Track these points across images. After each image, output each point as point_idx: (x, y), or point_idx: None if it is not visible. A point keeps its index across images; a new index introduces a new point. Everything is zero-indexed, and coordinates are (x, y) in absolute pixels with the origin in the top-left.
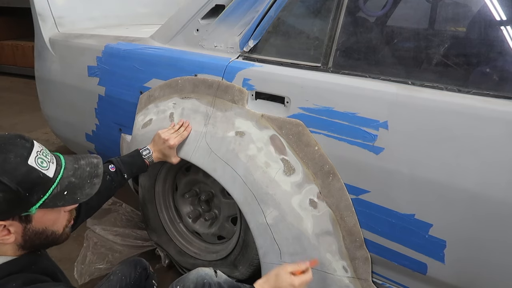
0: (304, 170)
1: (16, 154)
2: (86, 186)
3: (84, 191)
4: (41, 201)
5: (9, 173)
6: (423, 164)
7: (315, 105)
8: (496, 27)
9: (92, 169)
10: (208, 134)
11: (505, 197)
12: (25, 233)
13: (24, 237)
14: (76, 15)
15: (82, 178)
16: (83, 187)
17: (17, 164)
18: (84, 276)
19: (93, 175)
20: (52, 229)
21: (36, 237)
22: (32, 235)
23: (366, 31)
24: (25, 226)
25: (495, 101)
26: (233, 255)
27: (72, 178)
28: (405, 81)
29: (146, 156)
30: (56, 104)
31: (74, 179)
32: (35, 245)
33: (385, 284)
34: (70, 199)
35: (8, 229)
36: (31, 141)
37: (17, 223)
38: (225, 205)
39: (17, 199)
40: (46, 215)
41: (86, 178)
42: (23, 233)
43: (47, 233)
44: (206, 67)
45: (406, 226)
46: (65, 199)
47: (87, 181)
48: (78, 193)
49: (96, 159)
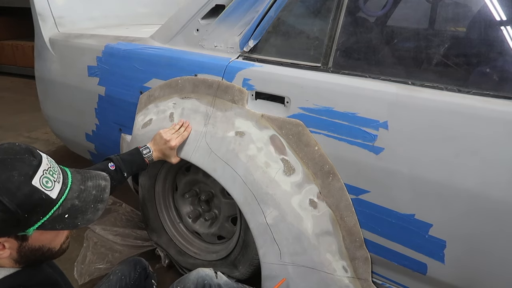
0: (304, 170)
1: (21, 173)
2: (88, 211)
3: (86, 216)
4: (39, 222)
5: (10, 193)
6: (423, 164)
7: (315, 105)
8: (496, 27)
9: (98, 193)
10: (208, 134)
11: (505, 197)
12: (21, 250)
13: (19, 253)
14: (76, 15)
15: (86, 202)
16: (85, 212)
17: (20, 183)
18: (84, 276)
19: (98, 200)
20: (49, 246)
21: (32, 254)
22: (28, 252)
23: (366, 31)
24: (20, 244)
25: (495, 101)
26: (233, 255)
27: (75, 200)
28: (405, 81)
29: (147, 155)
30: (56, 104)
31: (78, 202)
32: (30, 260)
33: (385, 284)
34: (70, 223)
35: (3, 244)
36: (40, 158)
37: (13, 240)
38: (225, 205)
39: (15, 220)
40: (43, 234)
41: (90, 202)
42: (18, 249)
43: (43, 250)
44: (206, 67)
45: (406, 226)
46: (65, 222)
47: (90, 205)
48: (80, 217)
49: (105, 182)
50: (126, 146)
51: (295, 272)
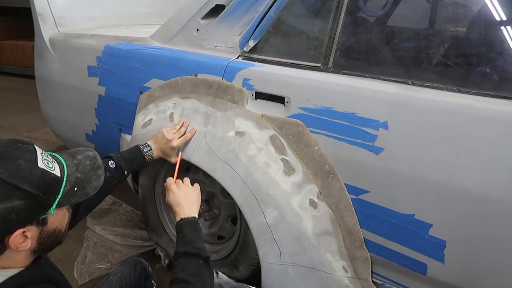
0: (304, 170)
1: (26, 159)
2: (92, 179)
3: (92, 184)
4: (56, 201)
5: (27, 179)
6: (423, 164)
7: (315, 105)
8: (496, 27)
9: (92, 162)
10: (208, 134)
11: (505, 197)
12: (41, 236)
13: (39, 240)
14: (76, 15)
15: (86, 172)
16: (90, 181)
17: (31, 168)
18: (84, 276)
19: (95, 167)
20: (60, 228)
21: (49, 239)
22: (46, 236)
23: (366, 31)
24: (41, 229)
25: (495, 101)
26: (233, 255)
27: (77, 173)
28: (405, 81)
29: (147, 153)
30: (56, 104)
31: (80, 175)
32: (46, 247)
33: (385, 284)
34: (82, 194)
35: (25, 235)
36: (32, 144)
37: (34, 227)
38: (225, 205)
39: (38, 204)
40: (57, 214)
41: (89, 171)
42: (39, 236)
43: (56, 232)
44: (206, 67)
45: (406, 226)
46: (77, 194)
47: (91, 174)
48: (87, 187)
49: (92, 152)
50: (126, 146)
51: (295, 272)
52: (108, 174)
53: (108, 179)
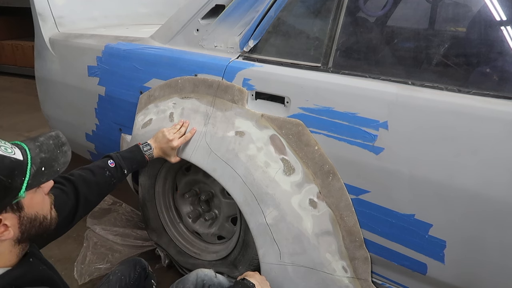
0: (304, 170)
1: None
2: (59, 156)
3: (59, 161)
4: (25, 183)
5: None
6: (423, 164)
7: (315, 105)
8: (496, 27)
9: (55, 140)
10: (208, 134)
11: (505, 197)
12: (21, 223)
13: (20, 228)
14: (76, 15)
15: (50, 151)
16: (56, 158)
17: None
18: (84, 276)
19: (60, 144)
20: (42, 213)
21: (32, 225)
22: (28, 223)
23: (366, 31)
24: (19, 215)
25: (495, 101)
26: (233, 255)
27: (41, 154)
28: (405, 81)
29: (147, 152)
30: (56, 104)
31: (44, 154)
32: (32, 235)
33: (385, 284)
34: (51, 172)
35: (4, 224)
36: None
37: (11, 214)
38: (225, 205)
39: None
40: (33, 198)
41: (54, 149)
42: (19, 223)
43: (39, 218)
44: (206, 67)
45: (406, 226)
46: (46, 174)
47: (57, 151)
48: (55, 165)
49: (54, 132)
50: (126, 146)
51: (295, 272)
52: (107, 173)
53: (108, 178)
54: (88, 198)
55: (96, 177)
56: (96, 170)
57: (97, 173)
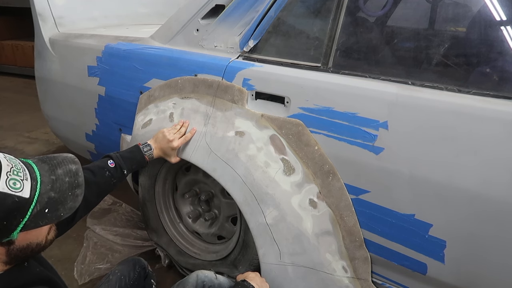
0: (304, 170)
1: None
2: (68, 200)
3: (66, 206)
4: (21, 224)
5: None
6: (423, 164)
7: (315, 105)
8: (496, 27)
9: (71, 179)
10: (208, 134)
11: (505, 197)
12: (9, 253)
13: (8, 256)
14: (76, 15)
15: (62, 191)
16: (65, 201)
17: None
18: (84, 276)
19: (74, 186)
20: (36, 241)
21: (21, 253)
22: (17, 252)
23: (366, 31)
24: (8, 248)
25: (495, 101)
26: (233, 255)
27: (51, 193)
28: (405, 81)
29: (147, 152)
30: (56, 104)
31: (54, 194)
32: (21, 258)
33: (385, 284)
34: (53, 217)
35: None
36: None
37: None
38: (225, 205)
39: None
40: (29, 233)
41: (66, 190)
42: (7, 253)
43: (32, 246)
44: (206, 67)
45: (406, 226)
46: (48, 217)
47: (68, 193)
48: (61, 208)
49: (75, 166)
50: (126, 146)
51: (295, 272)
52: (107, 173)
53: (108, 178)
54: (88, 198)
55: (96, 177)
56: (96, 170)
57: (97, 173)
